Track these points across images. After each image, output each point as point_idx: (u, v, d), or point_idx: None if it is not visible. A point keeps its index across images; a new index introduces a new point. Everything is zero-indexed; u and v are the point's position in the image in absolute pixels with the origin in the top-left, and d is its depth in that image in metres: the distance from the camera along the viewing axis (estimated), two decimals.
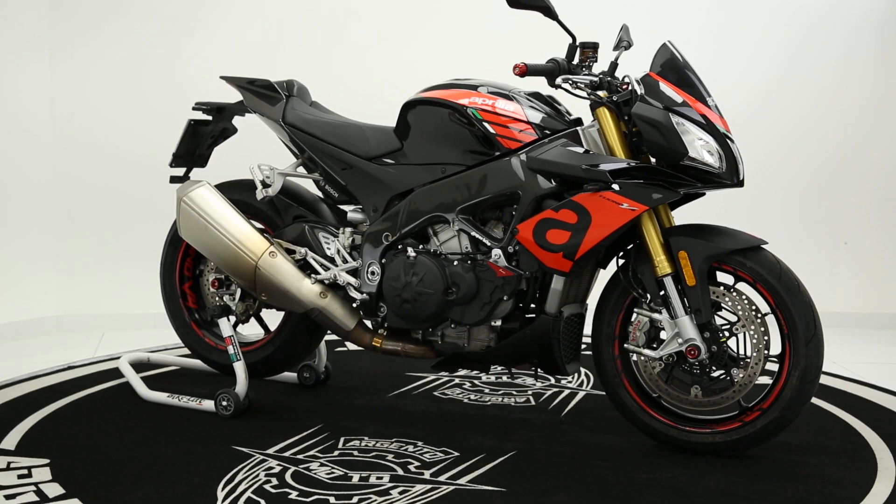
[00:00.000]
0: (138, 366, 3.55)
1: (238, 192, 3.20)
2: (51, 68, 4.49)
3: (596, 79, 2.68)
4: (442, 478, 2.52)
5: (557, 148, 2.69)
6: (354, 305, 3.02)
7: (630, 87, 2.67)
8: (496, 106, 2.77)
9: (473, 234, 2.78)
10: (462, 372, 3.66)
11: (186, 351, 3.51)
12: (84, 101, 4.54)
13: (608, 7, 4.65)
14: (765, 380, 2.81)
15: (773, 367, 2.65)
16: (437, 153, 2.87)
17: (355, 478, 2.52)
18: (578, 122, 2.82)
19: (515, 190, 2.71)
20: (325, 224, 3.08)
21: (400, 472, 2.57)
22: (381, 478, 2.52)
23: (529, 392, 3.40)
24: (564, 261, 2.64)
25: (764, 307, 2.65)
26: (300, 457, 2.68)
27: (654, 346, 2.71)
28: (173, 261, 3.38)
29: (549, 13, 2.64)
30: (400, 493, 2.42)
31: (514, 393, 3.39)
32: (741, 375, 2.63)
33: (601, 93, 2.69)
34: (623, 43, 2.77)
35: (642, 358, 2.72)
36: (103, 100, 4.55)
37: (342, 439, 2.83)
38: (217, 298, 3.25)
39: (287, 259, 3.02)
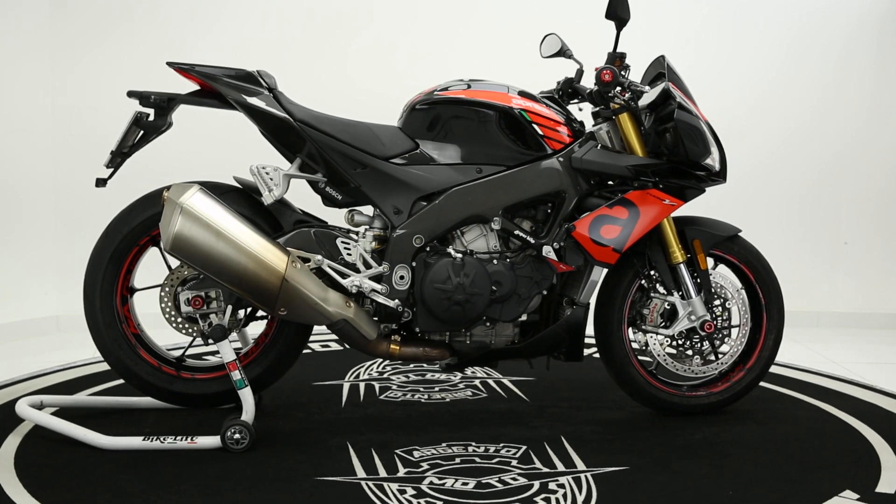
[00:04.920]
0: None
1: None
2: (52, 69, 4.49)
3: (647, 87, 2.93)
4: (559, 468, 2.60)
5: (594, 149, 2.89)
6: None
7: (636, 94, 2.98)
8: (535, 108, 2.87)
9: (517, 232, 2.85)
10: (365, 376, 3.61)
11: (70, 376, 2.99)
12: (85, 101, 4.52)
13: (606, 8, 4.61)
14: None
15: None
16: (471, 153, 2.86)
17: (496, 483, 2.48)
18: (582, 123, 3.03)
19: (561, 189, 2.85)
20: (336, 228, 2.86)
21: (519, 470, 2.58)
22: (515, 479, 2.52)
23: (461, 385, 3.49)
24: (613, 254, 2.87)
25: (737, 284, 3.16)
26: (400, 475, 2.53)
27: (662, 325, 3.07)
28: (113, 281, 2.83)
29: (622, 26, 2.82)
30: (558, 486, 2.46)
31: (451, 388, 3.45)
32: (733, 342, 3.10)
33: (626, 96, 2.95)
34: (567, 52, 3.04)
35: (654, 336, 3.05)
36: (104, 100, 4.45)
37: (400, 451, 2.71)
38: (203, 318, 2.79)
39: (308, 269, 2.75)
